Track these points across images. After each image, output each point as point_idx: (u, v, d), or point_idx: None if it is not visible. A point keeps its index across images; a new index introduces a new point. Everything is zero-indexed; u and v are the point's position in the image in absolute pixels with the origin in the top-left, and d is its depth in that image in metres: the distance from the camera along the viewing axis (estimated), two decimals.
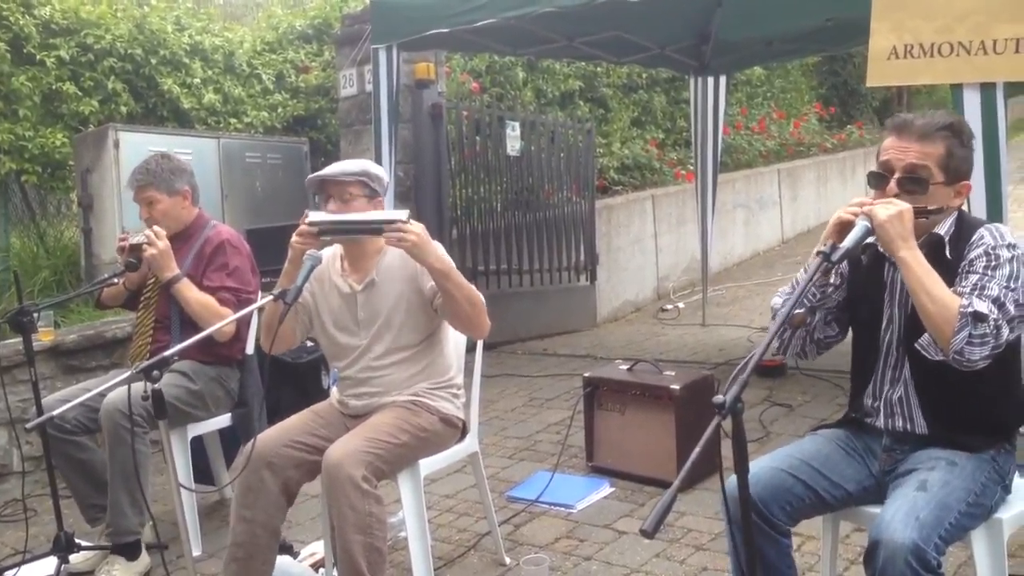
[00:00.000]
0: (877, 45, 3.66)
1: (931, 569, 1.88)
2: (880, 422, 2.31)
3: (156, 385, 2.41)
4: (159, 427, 2.54)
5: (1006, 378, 2.23)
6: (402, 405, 2.91)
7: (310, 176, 2.97)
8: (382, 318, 2.93)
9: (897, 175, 2.19)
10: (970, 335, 1.98)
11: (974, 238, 2.16)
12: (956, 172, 2.21)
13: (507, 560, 3.31)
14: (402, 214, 2.70)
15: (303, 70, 8.34)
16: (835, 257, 1.97)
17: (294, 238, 2.74)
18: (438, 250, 2.73)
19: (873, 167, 2.30)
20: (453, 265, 2.76)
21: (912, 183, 2.18)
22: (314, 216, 2.75)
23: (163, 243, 3.46)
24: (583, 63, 9.62)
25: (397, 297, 2.91)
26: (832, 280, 2.30)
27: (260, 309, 2.89)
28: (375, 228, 2.73)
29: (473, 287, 2.83)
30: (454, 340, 3.14)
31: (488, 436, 4.77)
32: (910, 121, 2.22)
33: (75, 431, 3.42)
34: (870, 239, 2.06)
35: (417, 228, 2.67)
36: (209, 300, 3.49)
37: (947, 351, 2.01)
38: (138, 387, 2.88)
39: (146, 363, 2.38)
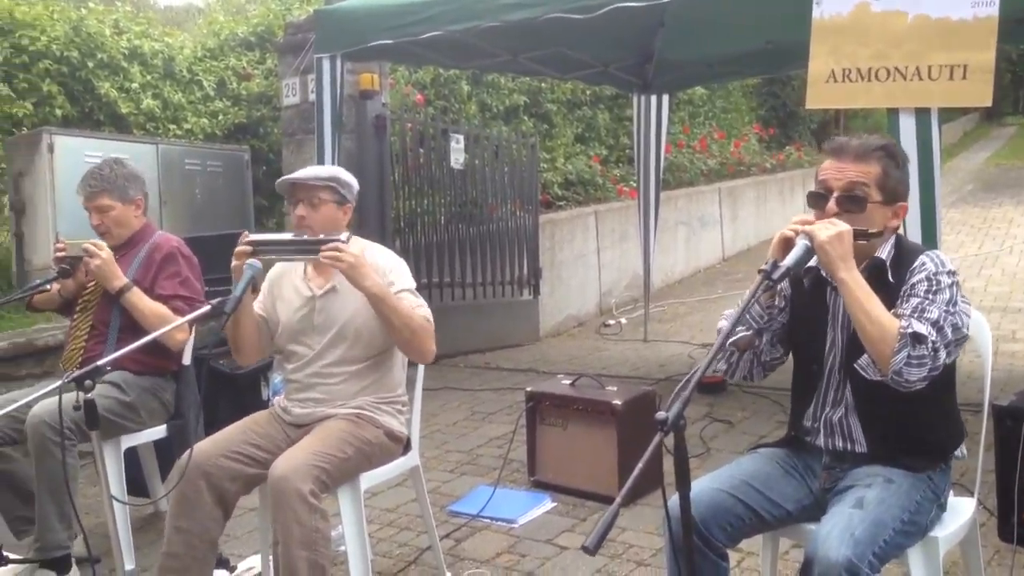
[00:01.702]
0: (816, 69, 3.74)
1: None
2: (820, 441, 2.34)
3: (89, 395, 2.35)
4: (91, 438, 2.48)
5: (943, 401, 2.28)
6: (346, 418, 2.87)
7: (280, 179, 2.95)
8: (337, 327, 2.91)
9: (836, 194, 2.24)
10: (908, 356, 2.02)
11: (916, 264, 2.20)
12: (893, 193, 2.27)
13: (448, 575, 3.28)
14: (341, 235, 2.71)
15: (245, 77, 8.25)
16: (776, 275, 2.00)
17: (234, 260, 2.72)
18: (377, 275, 2.74)
19: (812, 189, 2.34)
20: (389, 291, 2.75)
21: (850, 202, 2.22)
22: (253, 236, 2.74)
23: (105, 253, 3.38)
24: (528, 78, 9.69)
25: (354, 309, 2.89)
26: (777, 301, 2.34)
27: (200, 319, 2.83)
28: (311, 249, 2.71)
29: (417, 314, 2.81)
30: (402, 355, 3.11)
31: (429, 450, 4.74)
32: (846, 143, 2.28)
33: (0, 442, 3.32)
34: (812, 262, 2.09)
35: (355, 250, 2.68)
36: (162, 309, 3.42)
37: (886, 371, 2.04)
38: (69, 397, 2.80)
39: (78, 372, 2.33)
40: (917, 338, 2.02)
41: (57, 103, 6.80)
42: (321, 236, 2.76)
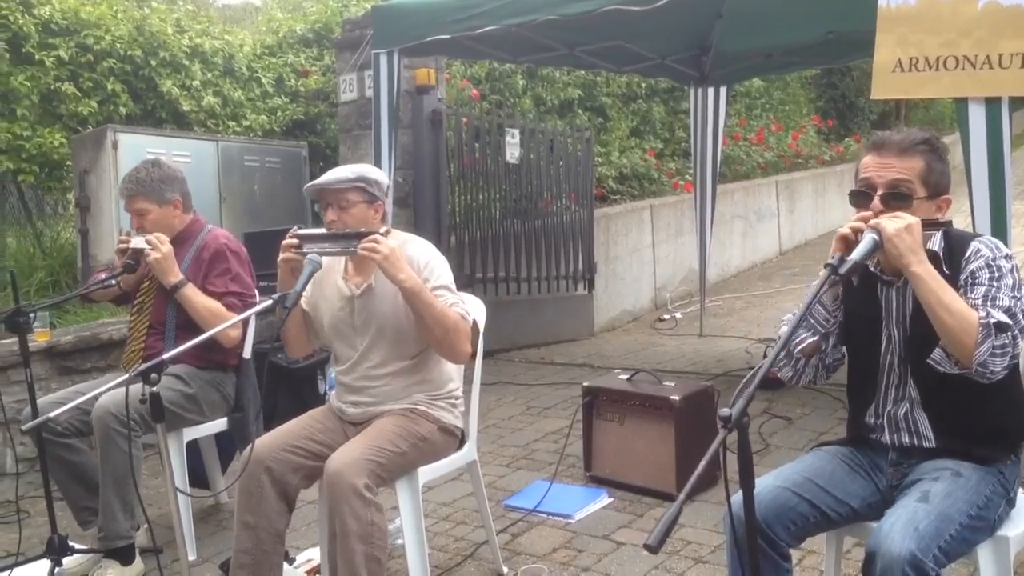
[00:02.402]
0: (882, 58, 3.65)
1: None
2: (886, 438, 2.29)
3: (153, 388, 2.39)
4: (155, 431, 2.52)
5: (1011, 389, 2.21)
6: (401, 413, 2.89)
7: (307, 185, 2.94)
8: (377, 325, 2.91)
9: (880, 191, 2.18)
10: (992, 346, 1.97)
11: (969, 251, 2.15)
12: (937, 186, 2.22)
13: (504, 570, 3.29)
14: (381, 228, 2.75)
15: (303, 74, 8.33)
16: (843, 270, 1.95)
17: (281, 254, 2.75)
18: (413, 270, 2.74)
19: (853, 188, 2.29)
20: (423, 287, 2.74)
21: (895, 199, 2.17)
22: (301, 231, 2.77)
23: (166, 247, 3.44)
24: (583, 72, 9.64)
25: (393, 305, 2.88)
26: (840, 298, 2.29)
27: (258, 314, 2.86)
28: (351, 242, 2.72)
29: (452, 312, 2.78)
30: None
31: (485, 444, 4.74)
32: (888, 138, 2.23)
33: (67, 433, 3.40)
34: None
35: (391, 243, 2.68)
36: (216, 305, 3.48)
37: (970, 363, 1.99)
38: (135, 390, 2.85)
39: (144, 366, 2.37)
40: (1000, 327, 1.98)
41: (121, 101, 6.93)
42: (361, 229, 2.76)
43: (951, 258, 2.18)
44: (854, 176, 2.31)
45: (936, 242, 2.21)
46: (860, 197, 2.22)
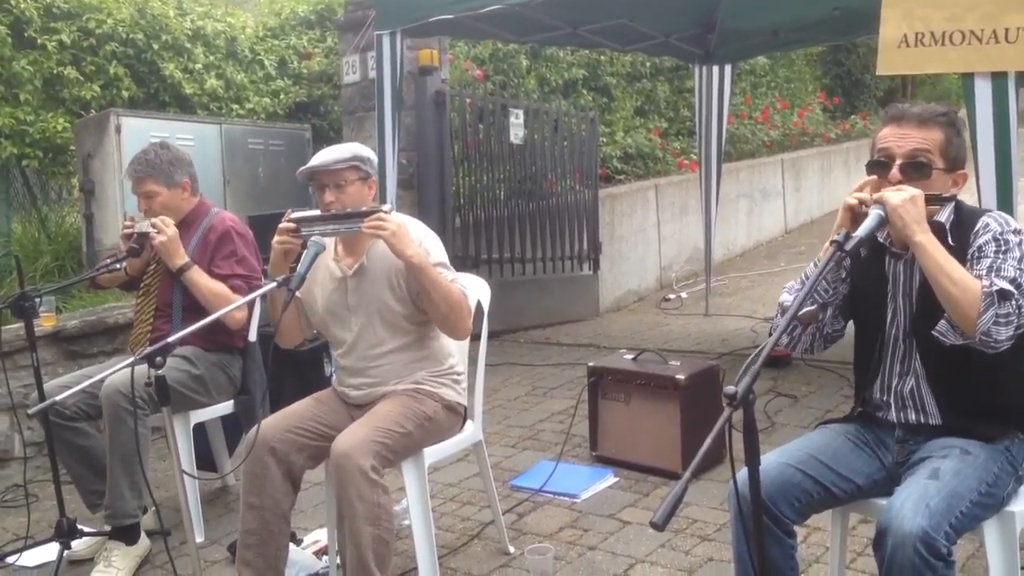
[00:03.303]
0: (888, 34, 3.62)
1: (941, 557, 1.86)
2: (892, 415, 2.29)
3: (159, 371, 2.39)
4: (162, 413, 2.53)
5: (1017, 364, 2.20)
6: (405, 393, 2.89)
7: (301, 169, 2.92)
8: (372, 304, 2.89)
9: (899, 161, 2.19)
10: (996, 314, 1.97)
11: (978, 226, 2.15)
12: (955, 160, 2.22)
13: (511, 549, 3.30)
14: (384, 206, 2.71)
15: (306, 56, 8.30)
16: (849, 246, 1.94)
17: (275, 238, 2.73)
18: (418, 246, 2.72)
19: (872, 158, 2.28)
20: (429, 262, 2.73)
21: (914, 169, 2.17)
22: (297, 213, 2.74)
23: (171, 231, 3.43)
24: (587, 51, 9.58)
25: (387, 284, 2.88)
26: (840, 273, 2.29)
27: (264, 296, 2.86)
28: (354, 221, 2.70)
29: (455, 288, 2.78)
30: None
31: (491, 425, 4.75)
32: (907, 109, 2.23)
33: (75, 417, 3.40)
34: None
35: (397, 219, 2.67)
36: (221, 288, 3.48)
37: (973, 333, 1.99)
38: (141, 372, 2.85)
39: (149, 349, 2.37)
40: (1004, 295, 1.97)
41: (123, 85, 6.92)
42: (363, 208, 2.75)
43: (959, 232, 2.18)
44: (871, 149, 2.30)
45: (945, 214, 2.21)
46: (878, 167, 2.23)
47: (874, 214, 2.02)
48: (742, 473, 1.76)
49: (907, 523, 1.87)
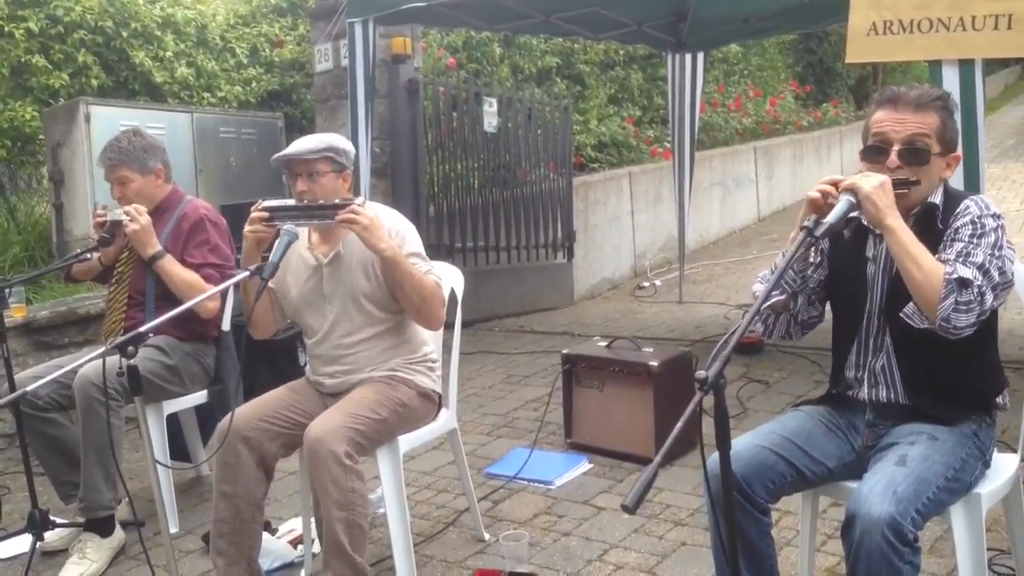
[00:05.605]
0: (856, 22, 3.65)
1: (908, 543, 1.88)
2: (864, 393, 2.32)
3: (131, 361, 2.38)
4: (134, 403, 2.52)
5: (984, 349, 2.24)
6: (380, 380, 2.89)
7: (275, 156, 2.90)
8: (347, 293, 2.89)
9: (897, 147, 2.17)
10: (956, 301, 1.98)
11: (960, 208, 2.16)
12: (950, 143, 2.23)
13: (486, 536, 3.31)
14: (357, 199, 2.71)
15: (277, 44, 8.24)
16: (819, 232, 1.96)
17: (246, 227, 2.72)
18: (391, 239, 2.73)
19: (859, 145, 2.29)
20: (402, 255, 2.74)
21: (913, 154, 2.16)
22: (268, 203, 2.73)
23: (144, 219, 3.41)
24: (560, 40, 9.58)
25: (363, 272, 2.88)
26: (812, 259, 2.31)
27: (237, 285, 2.85)
28: (327, 213, 2.70)
29: (428, 280, 2.79)
30: None
31: (466, 413, 4.76)
32: (904, 93, 2.20)
33: (48, 408, 3.38)
34: (853, 213, 2.06)
35: (370, 212, 2.67)
36: (194, 277, 3.46)
37: (934, 318, 2.01)
38: (113, 362, 2.84)
39: (121, 338, 2.36)
40: (963, 283, 1.99)
41: (92, 73, 6.83)
42: (336, 201, 2.74)
43: (945, 214, 2.19)
44: (863, 134, 2.28)
45: (938, 196, 2.22)
46: (875, 152, 2.21)
47: (844, 200, 2.03)
48: (713, 456, 1.77)
49: (875, 509, 1.90)
